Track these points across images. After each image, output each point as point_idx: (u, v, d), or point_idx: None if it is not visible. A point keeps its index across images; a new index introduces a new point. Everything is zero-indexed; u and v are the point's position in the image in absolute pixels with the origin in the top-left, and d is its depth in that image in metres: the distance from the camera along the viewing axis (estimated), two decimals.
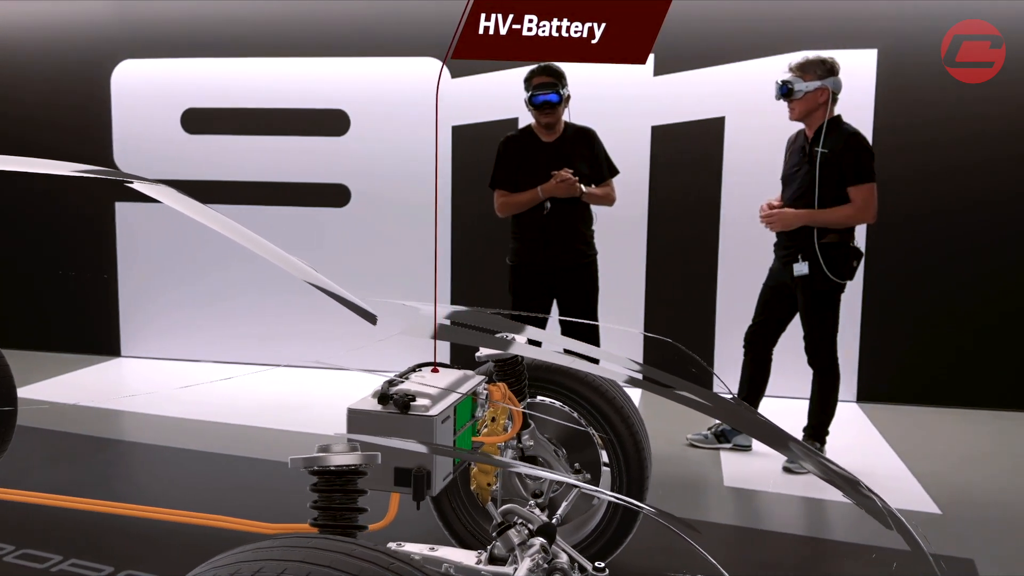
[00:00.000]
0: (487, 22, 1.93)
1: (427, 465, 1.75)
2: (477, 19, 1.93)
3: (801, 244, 3.93)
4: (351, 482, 1.44)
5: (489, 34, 1.94)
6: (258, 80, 5.90)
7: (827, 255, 3.88)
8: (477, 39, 1.94)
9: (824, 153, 3.86)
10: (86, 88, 6.16)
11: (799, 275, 3.94)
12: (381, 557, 1.24)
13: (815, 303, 3.98)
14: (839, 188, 3.88)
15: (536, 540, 2.21)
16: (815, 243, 3.87)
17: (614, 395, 2.72)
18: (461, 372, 2.10)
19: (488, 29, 1.93)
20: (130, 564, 2.91)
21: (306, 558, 1.21)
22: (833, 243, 3.90)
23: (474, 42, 1.94)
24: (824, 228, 3.89)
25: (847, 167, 3.86)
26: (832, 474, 1.89)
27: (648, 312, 5.58)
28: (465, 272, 5.81)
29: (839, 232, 3.91)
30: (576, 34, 1.93)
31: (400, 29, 5.68)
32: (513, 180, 4.18)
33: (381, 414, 1.78)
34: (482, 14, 1.93)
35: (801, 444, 2.02)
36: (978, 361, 5.27)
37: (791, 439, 2.05)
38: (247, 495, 3.73)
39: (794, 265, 3.95)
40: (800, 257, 3.93)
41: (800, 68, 3.91)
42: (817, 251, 3.87)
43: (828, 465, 1.93)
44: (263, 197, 5.95)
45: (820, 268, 3.88)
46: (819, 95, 3.88)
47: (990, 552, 3.17)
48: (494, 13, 1.93)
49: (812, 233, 3.89)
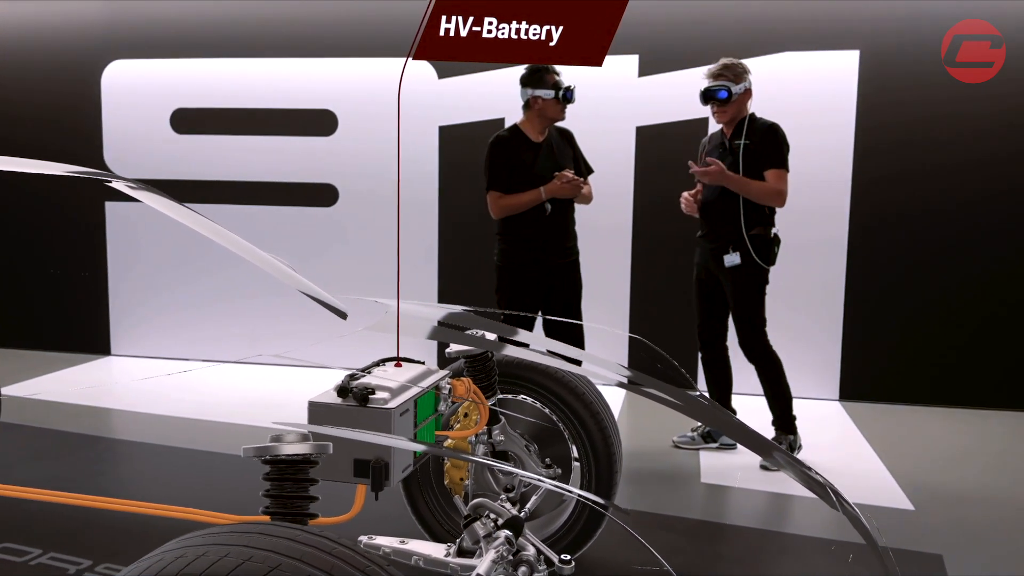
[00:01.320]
0: (448, 24, 1.97)
1: (385, 457, 1.79)
2: (438, 21, 1.97)
3: (731, 236, 4.11)
4: (302, 471, 1.48)
5: (450, 35, 1.98)
6: (247, 80, 5.95)
7: (755, 244, 4.09)
8: (438, 40, 1.98)
9: (746, 144, 4.10)
10: (77, 88, 6.21)
11: (731, 265, 4.10)
12: (324, 542, 1.28)
13: (746, 292, 4.14)
14: (759, 176, 4.09)
15: (501, 533, 2.25)
16: (744, 234, 4.07)
17: (584, 391, 2.76)
18: (424, 367, 2.14)
19: (449, 31, 1.97)
20: (109, 557, 2.95)
21: (249, 543, 1.25)
22: (759, 234, 4.11)
23: (435, 43, 1.98)
24: (751, 221, 4.09)
25: (763, 154, 4.09)
26: (807, 479, 1.93)
27: (633, 311, 5.62)
28: (452, 272, 5.85)
29: (764, 224, 4.11)
30: (535, 36, 1.96)
31: (388, 30, 5.72)
32: (507, 181, 4.18)
33: (340, 407, 1.82)
34: (443, 16, 1.97)
35: (776, 447, 2.06)
36: (961, 360, 5.31)
37: (771, 445, 2.10)
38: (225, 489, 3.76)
39: (725, 256, 4.12)
40: (731, 248, 4.10)
41: (730, 72, 4.10)
42: (747, 241, 4.07)
43: (803, 470, 1.96)
44: (252, 197, 6.00)
45: (751, 257, 4.07)
46: (746, 96, 4.13)
47: (960, 549, 3.21)
48: (454, 15, 1.97)
49: (740, 226, 4.08)
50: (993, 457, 4.43)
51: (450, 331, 2.34)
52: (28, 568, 2.89)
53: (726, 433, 4.02)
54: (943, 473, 4.12)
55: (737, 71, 4.10)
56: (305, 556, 1.23)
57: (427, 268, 5.87)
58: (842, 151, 5.28)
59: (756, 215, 4.10)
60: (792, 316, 5.41)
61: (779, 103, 5.19)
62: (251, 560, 1.18)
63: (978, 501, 3.74)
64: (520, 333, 2.57)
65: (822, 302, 5.41)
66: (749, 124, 4.13)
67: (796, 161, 5.21)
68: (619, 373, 2.19)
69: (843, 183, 5.29)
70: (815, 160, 5.26)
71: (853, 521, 1.82)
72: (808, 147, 5.26)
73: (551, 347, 2.58)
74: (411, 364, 2.13)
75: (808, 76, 5.26)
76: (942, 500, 3.75)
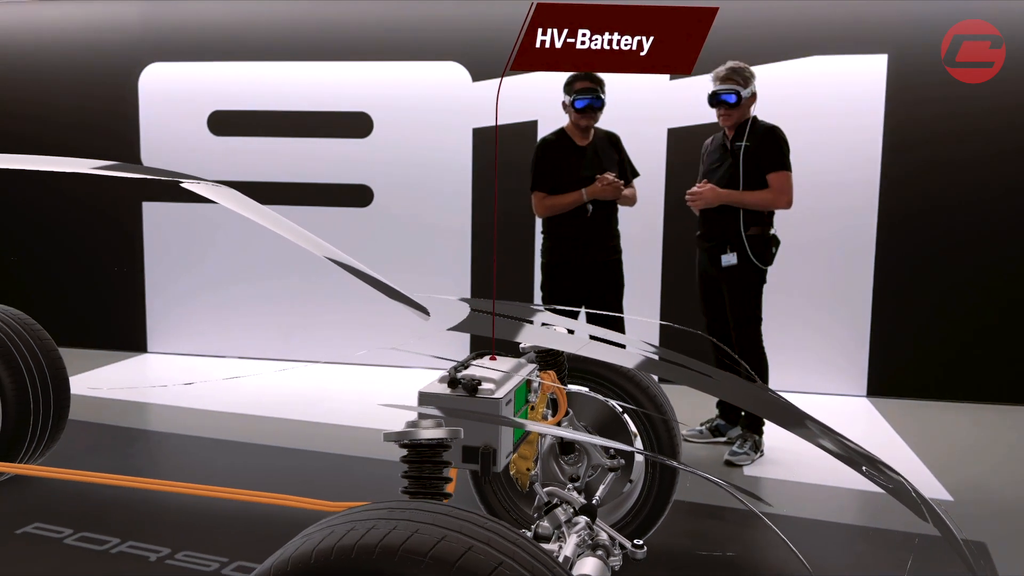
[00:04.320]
0: (543, 36, 2.09)
1: (493, 444, 1.91)
2: (535, 33, 2.08)
3: (728, 236, 4.17)
4: (438, 454, 1.59)
5: (545, 47, 2.09)
6: (283, 83, 6.06)
7: (752, 244, 4.14)
8: (534, 52, 2.09)
9: (747, 147, 4.14)
10: (114, 91, 6.32)
11: (727, 265, 4.17)
12: (502, 529, 1.33)
13: (743, 292, 4.20)
14: (760, 178, 4.15)
15: (581, 518, 2.37)
16: (742, 234, 4.12)
17: (648, 384, 2.87)
18: (515, 360, 2.25)
19: (544, 43, 2.09)
20: (187, 545, 3.06)
21: (435, 521, 1.30)
22: (757, 234, 4.15)
23: (531, 55, 2.10)
24: (749, 220, 4.14)
25: (765, 157, 4.13)
26: (853, 452, 2.02)
27: (664, 309, 5.74)
28: (486, 272, 5.97)
29: (761, 224, 4.16)
30: (626, 47, 2.08)
31: (423, 34, 5.84)
32: (552, 182, 4.32)
33: (451, 397, 1.93)
34: (539, 28, 2.09)
35: (818, 423, 2.14)
36: (986, 356, 5.42)
37: (808, 417, 2.18)
38: (291, 480, 3.88)
39: (722, 256, 4.18)
40: (728, 248, 4.16)
41: (739, 76, 4.16)
42: (744, 241, 4.12)
43: (848, 444, 2.06)
44: (288, 197, 6.11)
45: (748, 257, 4.12)
46: (751, 99, 4.19)
47: (1002, 537, 3.32)
48: (550, 28, 2.09)
49: (739, 225, 4.14)
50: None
51: (553, 333, 2.45)
52: (110, 556, 3.00)
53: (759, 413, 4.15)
54: (977, 465, 4.24)
55: (745, 75, 4.16)
56: (492, 542, 1.29)
57: (461, 267, 5.98)
58: (870, 152, 5.39)
59: (753, 215, 4.16)
60: (820, 314, 5.53)
61: (808, 105, 5.33)
62: (445, 539, 1.25)
63: (1017, 492, 3.85)
64: (565, 322, 2.68)
65: (850, 300, 5.53)
66: (751, 127, 4.19)
67: (824, 162, 5.36)
68: (650, 352, 2.30)
69: (872, 182, 5.41)
70: (844, 160, 5.39)
71: (919, 499, 1.89)
72: (836, 148, 5.39)
73: (596, 334, 2.71)
74: (504, 358, 2.24)
75: (837, 80, 5.38)
76: (980, 490, 3.86)
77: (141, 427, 4.78)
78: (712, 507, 3.56)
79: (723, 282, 4.26)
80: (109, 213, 6.49)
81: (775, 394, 2.48)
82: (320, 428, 4.71)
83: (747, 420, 4.29)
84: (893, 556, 3.15)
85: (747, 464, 4.13)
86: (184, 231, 6.35)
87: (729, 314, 4.27)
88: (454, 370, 2.02)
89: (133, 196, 6.39)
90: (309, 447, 4.35)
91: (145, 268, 6.46)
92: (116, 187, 6.33)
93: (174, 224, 6.36)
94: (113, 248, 6.52)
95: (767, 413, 2.26)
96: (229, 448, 4.37)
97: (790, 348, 5.45)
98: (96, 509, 3.37)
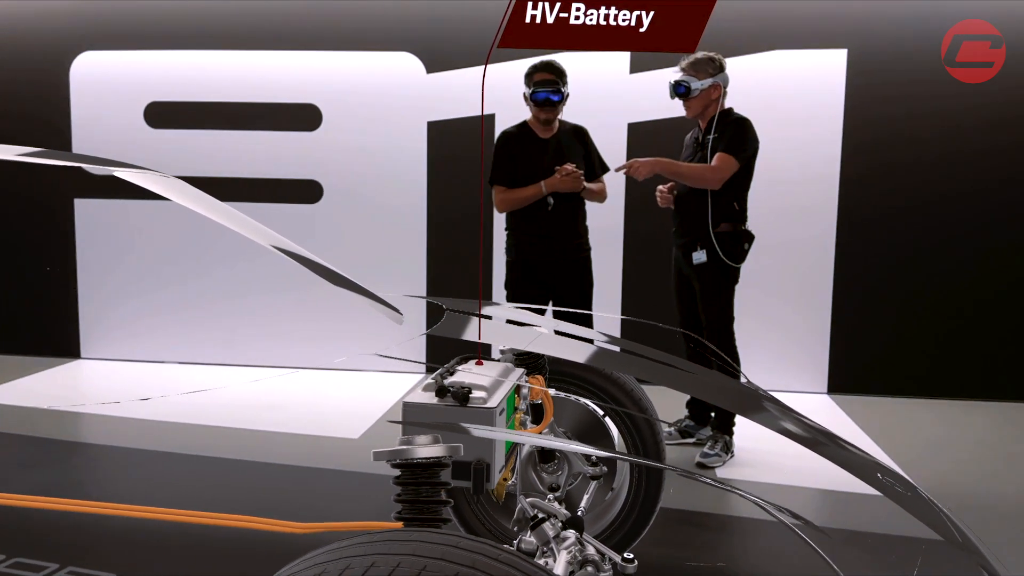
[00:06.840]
0: (534, 10, 1.91)
1: (487, 458, 1.73)
2: (524, 7, 1.91)
3: (698, 233, 4.08)
4: (435, 474, 1.41)
5: (536, 22, 1.92)
6: (226, 73, 5.77)
7: (721, 242, 4.04)
8: (524, 28, 1.92)
9: (715, 138, 4.05)
10: (44, 80, 5.94)
11: (698, 263, 4.08)
12: (489, 550, 1.21)
13: (713, 289, 4.11)
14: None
15: (570, 532, 2.22)
16: (711, 232, 4.03)
17: (633, 387, 2.73)
18: (503, 364, 2.08)
19: (535, 17, 1.91)
20: (134, 571, 2.81)
21: (415, 551, 1.18)
22: (727, 231, 4.06)
23: (520, 31, 1.92)
24: (718, 217, 4.04)
25: (723, 142, 4.03)
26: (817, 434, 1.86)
27: (625, 305, 5.62)
28: (441, 268, 5.77)
29: (732, 221, 4.07)
30: (624, 22, 1.92)
31: (375, 22, 5.61)
32: (512, 176, 4.15)
33: (440, 407, 1.74)
34: (528, 3, 1.91)
35: (782, 405, 2.00)
36: (948, 353, 5.44)
37: (771, 399, 2.04)
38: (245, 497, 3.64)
39: (693, 254, 4.10)
40: (698, 246, 4.08)
41: (693, 67, 4.05)
42: (713, 239, 4.03)
43: (813, 425, 1.90)
44: (231, 194, 5.81)
45: (717, 255, 4.03)
46: (712, 91, 4.05)
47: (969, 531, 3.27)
48: (541, 1, 1.91)
49: (707, 223, 4.04)
50: (989, 447, 4.53)
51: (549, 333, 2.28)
52: None
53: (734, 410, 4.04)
54: (942, 460, 4.22)
55: (699, 67, 4.03)
56: (477, 564, 1.17)
57: (415, 264, 5.77)
58: (830, 149, 5.35)
59: (723, 212, 4.04)
60: (781, 311, 5.48)
61: (768, 100, 5.26)
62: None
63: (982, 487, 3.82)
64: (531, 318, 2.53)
65: (810, 297, 5.48)
66: (720, 119, 4.08)
67: (785, 158, 5.30)
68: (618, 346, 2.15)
69: (831, 179, 5.37)
70: (803, 157, 5.34)
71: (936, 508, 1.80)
72: (796, 144, 5.34)
73: (559, 328, 2.55)
74: (490, 362, 2.06)
75: (796, 74, 5.32)
76: (947, 485, 3.82)
77: (78, 439, 4.46)
78: (693, 513, 3.44)
79: (695, 280, 4.15)
80: (38, 209, 6.10)
81: (741, 383, 2.35)
82: (273, 437, 4.45)
83: (717, 420, 4.19)
84: (879, 558, 3.07)
85: (719, 466, 4.03)
86: (120, 229, 6.00)
87: (700, 312, 4.16)
88: (440, 377, 1.83)
89: (65, 191, 6.02)
90: (262, 459, 4.10)
91: (78, 268, 6.09)
92: (46, 181, 5.96)
93: (109, 221, 6.00)
94: (43, 247, 6.13)
95: (726, 401, 2.12)
96: (175, 461, 4.10)
97: (751, 345, 5.37)
98: (32, 531, 3.09)
